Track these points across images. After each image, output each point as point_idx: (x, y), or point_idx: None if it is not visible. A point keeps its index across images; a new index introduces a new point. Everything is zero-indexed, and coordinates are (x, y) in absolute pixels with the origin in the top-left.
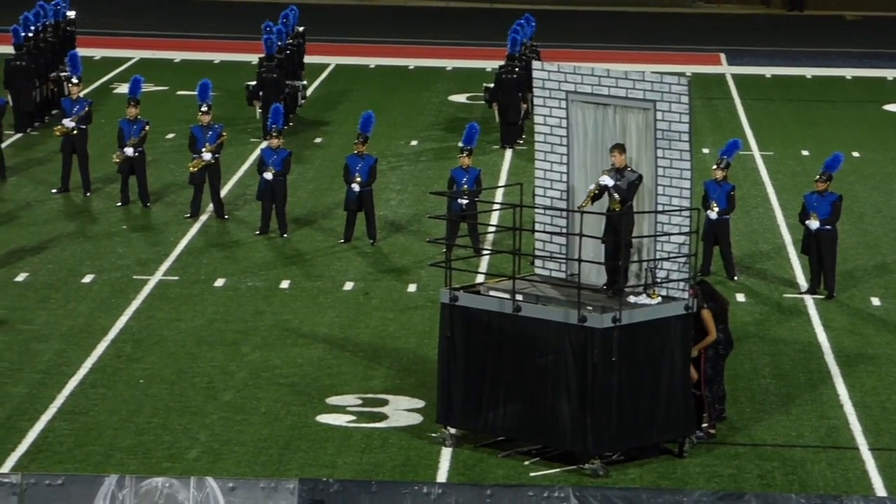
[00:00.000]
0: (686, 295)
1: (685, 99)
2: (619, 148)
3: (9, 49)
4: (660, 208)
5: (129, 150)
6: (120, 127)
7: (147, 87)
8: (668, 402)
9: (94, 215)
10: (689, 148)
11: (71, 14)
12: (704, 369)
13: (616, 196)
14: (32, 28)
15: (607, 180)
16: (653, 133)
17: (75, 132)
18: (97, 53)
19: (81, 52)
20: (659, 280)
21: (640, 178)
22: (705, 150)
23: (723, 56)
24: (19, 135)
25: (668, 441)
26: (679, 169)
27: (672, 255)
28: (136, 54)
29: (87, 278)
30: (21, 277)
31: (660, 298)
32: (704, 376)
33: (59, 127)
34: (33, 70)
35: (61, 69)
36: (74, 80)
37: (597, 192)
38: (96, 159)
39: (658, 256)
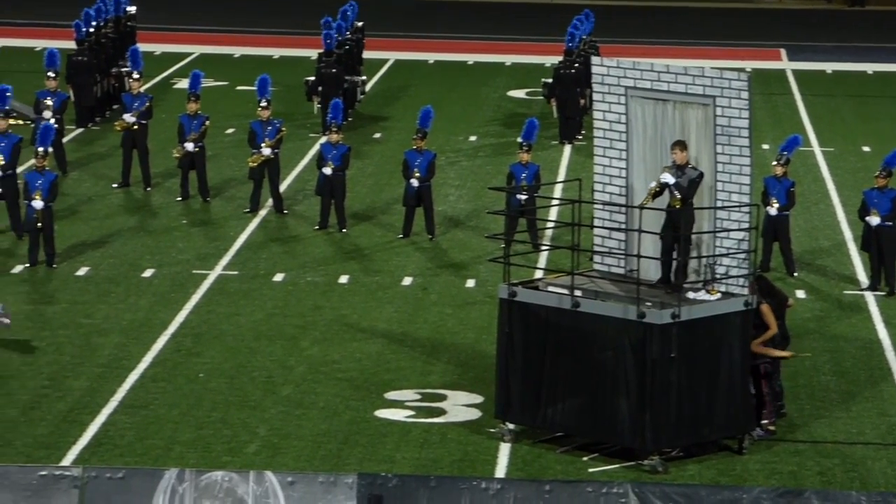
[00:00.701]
0: (745, 291)
1: (745, 95)
2: (681, 145)
3: (71, 44)
4: (719, 204)
5: (190, 146)
6: (180, 122)
7: (207, 83)
8: (728, 399)
9: (154, 210)
10: (748, 144)
11: (132, 9)
12: (763, 365)
13: (677, 194)
14: (94, 24)
15: (668, 178)
16: (712, 129)
17: (136, 127)
18: (158, 49)
19: (142, 47)
20: (718, 276)
21: (700, 175)
22: (765, 146)
23: (783, 51)
24: (80, 130)
25: (727, 437)
26: (738, 165)
27: (731, 251)
28: (197, 49)
29: (148, 273)
30: (82, 272)
31: (719, 294)
32: (763, 373)
33: (120, 122)
34: (94, 65)
35: (122, 64)
36: (135, 76)
37: (658, 189)
38: (156, 154)
39: (717, 252)
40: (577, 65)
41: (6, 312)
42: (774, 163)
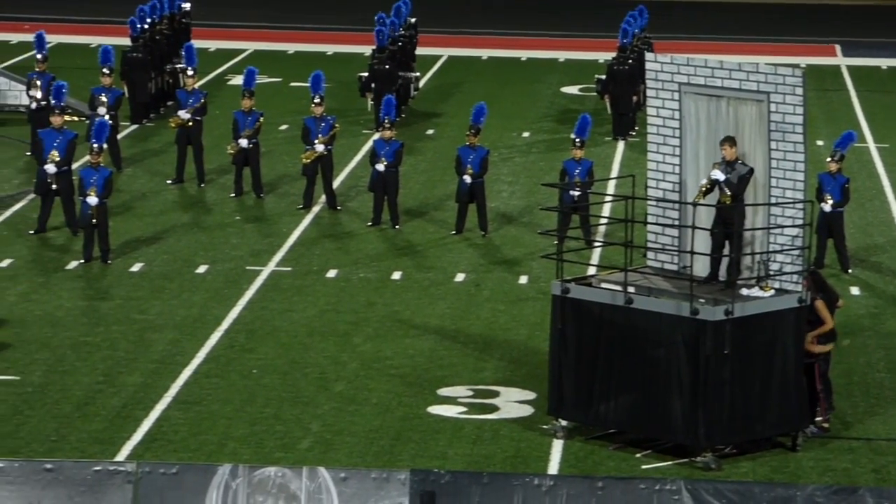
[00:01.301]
0: (799, 288)
1: (799, 91)
2: (730, 141)
3: (126, 41)
4: (773, 201)
5: (244, 142)
6: (234, 118)
7: (261, 79)
8: (781, 396)
9: (208, 206)
10: (803, 140)
11: (186, 6)
12: (817, 363)
13: (727, 190)
14: (148, 21)
15: (719, 175)
16: (766, 125)
17: (190, 123)
18: (212, 45)
19: (196, 43)
20: (772, 272)
21: (751, 171)
22: (819, 143)
23: (838, 47)
24: (135, 126)
25: (780, 434)
26: (793, 161)
27: (785, 247)
28: (251, 46)
29: (201, 269)
30: (136, 268)
31: (773, 291)
32: (818, 370)
33: (175, 118)
34: (149, 62)
35: (177, 61)
36: (190, 72)
37: (709, 186)
38: (211, 150)
39: (771, 249)
40: (630, 61)
41: None
42: (829, 159)
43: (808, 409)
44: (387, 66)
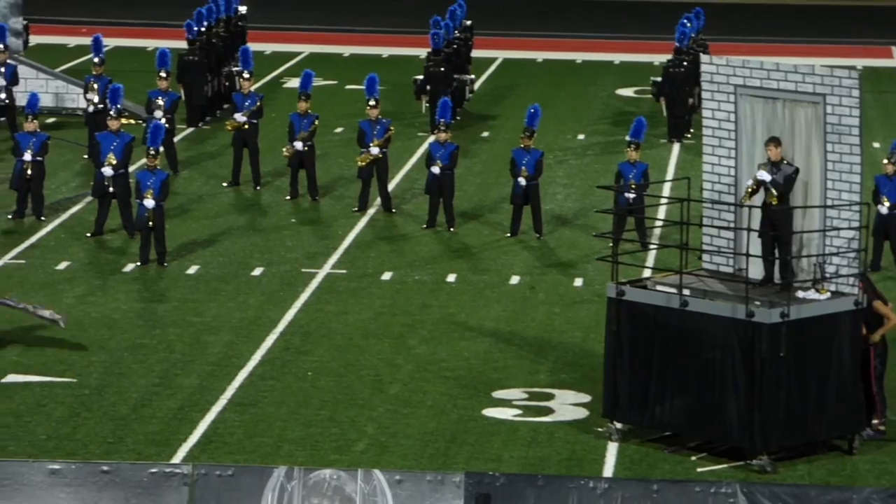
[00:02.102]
0: (856, 290)
1: (856, 93)
2: (775, 142)
3: (182, 44)
4: (829, 203)
5: (299, 145)
6: (290, 121)
7: (317, 82)
8: (837, 398)
9: (263, 209)
10: (859, 142)
11: (242, 9)
12: (874, 365)
13: (773, 191)
14: (205, 24)
15: (764, 175)
16: (822, 127)
17: (246, 126)
18: (268, 48)
19: (253, 46)
20: (828, 275)
21: (796, 171)
22: (876, 145)
23: (894, 49)
24: (191, 129)
25: (837, 437)
26: (849, 163)
27: (841, 250)
28: (306, 49)
29: (257, 271)
30: (192, 270)
31: (829, 294)
32: (874, 372)
33: (231, 121)
34: (205, 65)
35: (233, 64)
36: (246, 75)
37: (755, 187)
38: (266, 153)
39: (827, 251)
40: (686, 63)
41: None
42: (885, 161)
43: (865, 411)
44: (442, 69)
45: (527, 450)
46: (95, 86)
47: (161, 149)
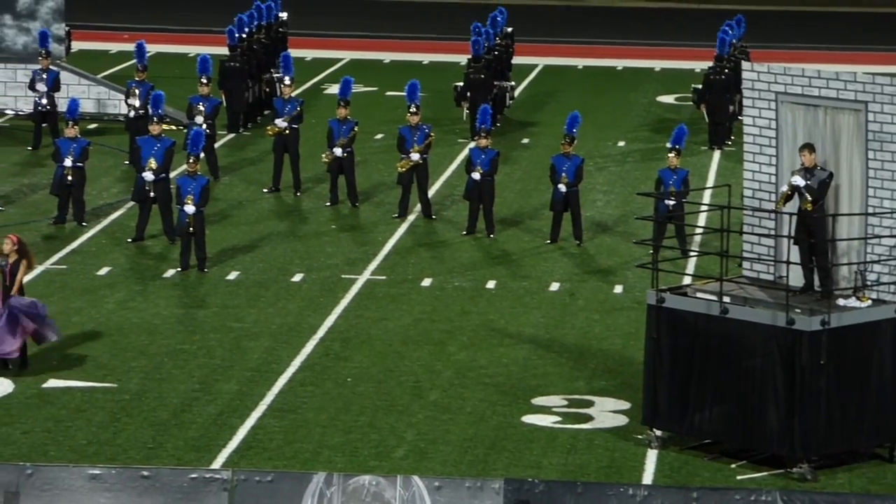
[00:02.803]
0: None
1: None
2: (809, 148)
3: (223, 50)
4: (871, 210)
5: (339, 151)
6: (330, 127)
7: (357, 88)
8: (878, 406)
9: (304, 215)
10: None
11: (283, 15)
12: None
13: (808, 196)
14: (246, 30)
15: (799, 180)
16: (864, 135)
17: (287, 132)
18: (308, 54)
19: (293, 52)
20: (869, 283)
21: (830, 176)
22: None
23: None
24: (232, 135)
25: (877, 445)
26: (890, 171)
27: (882, 258)
28: (347, 55)
29: (297, 277)
30: (233, 276)
31: (870, 301)
32: None
33: (272, 127)
34: (246, 71)
35: (274, 70)
36: (286, 81)
37: (789, 193)
38: (307, 159)
39: (868, 259)
40: (727, 70)
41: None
42: None
43: None
44: (482, 76)
45: (566, 457)
46: (137, 91)
47: (202, 154)
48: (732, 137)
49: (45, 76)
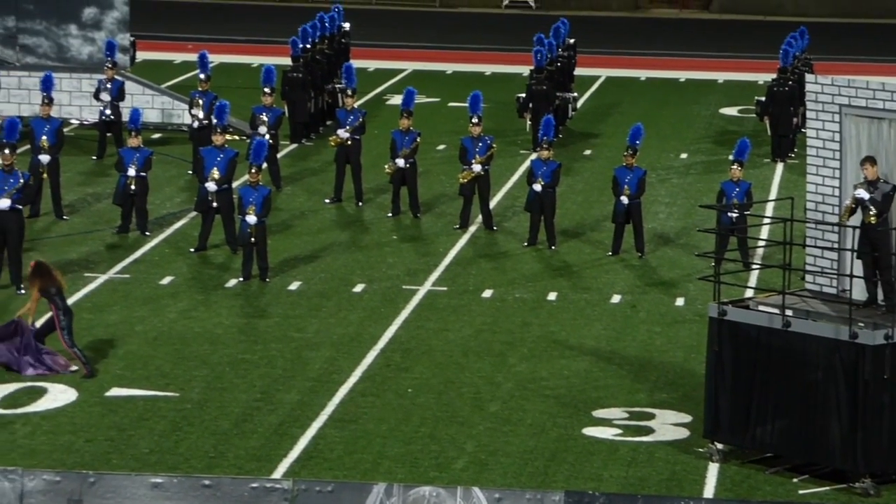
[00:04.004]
0: None
1: None
2: (871, 160)
3: (286, 61)
4: None
5: (401, 161)
6: (392, 138)
7: (419, 99)
8: None
9: (365, 225)
10: None
11: (346, 26)
12: None
13: (871, 209)
14: (309, 40)
15: (863, 194)
16: None
17: (349, 143)
18: (371, 65)
19: (356, 63)
20: None
21: (894, 188)
22: None
23: None
24: (294, 145)
25: None
26: None
27: None
28: (409, 66)
29: (358, 288)
30: (294, 286)
31: None
32: None
33: (334, 137)
34: (309, 82)
35: (336, 81)
36: (349, 92)
37: (853, 206)
38: (369, 170)
39: None
40: (791, 82)
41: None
42: None
43: None
44: (545, 87)
45: (627, 469)
46: (201, 102)
47: (264, 165)
48: (796, 150)
49: (109, 86)
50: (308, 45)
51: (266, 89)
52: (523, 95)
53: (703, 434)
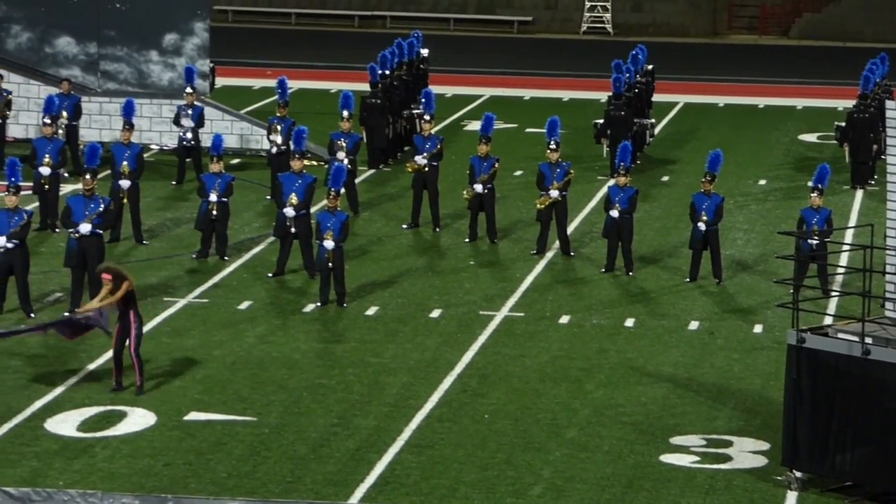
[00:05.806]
0: None
1: None
2: None
3: (364, 87)
4: None
5: (479, 187)
6: (471, 164)
7: (497, 125)
8: None
9: (442, 251)
10: None
11: (424, 52)
12: None
13: None
14: (388, 66)
15: None
16: None
17: (427, 169)
18: (449, 91)
19: (434, 89)
20: None
21: None
22: None
23: None
24: (372, 171)
25: None
26: None
27: None
28: (487, 92)
29: (435, 313)
30: (371, 311)
31: None
32: None
33: (411, 163)
34: (387, 107)
35: (414, 107)
36: (427, 118)
37: None
38: (446, 195)
39: None
40: (871, 109)
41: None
42: None
43: None
44: (623, 113)
45: (704, 497)
46: (279, 127)
47: (342, 190)
48: (875, 177)
49: (189, 112)
50: (387, 71)
51: (344, 114)
52: (601, 121)
53: (781, 462)
